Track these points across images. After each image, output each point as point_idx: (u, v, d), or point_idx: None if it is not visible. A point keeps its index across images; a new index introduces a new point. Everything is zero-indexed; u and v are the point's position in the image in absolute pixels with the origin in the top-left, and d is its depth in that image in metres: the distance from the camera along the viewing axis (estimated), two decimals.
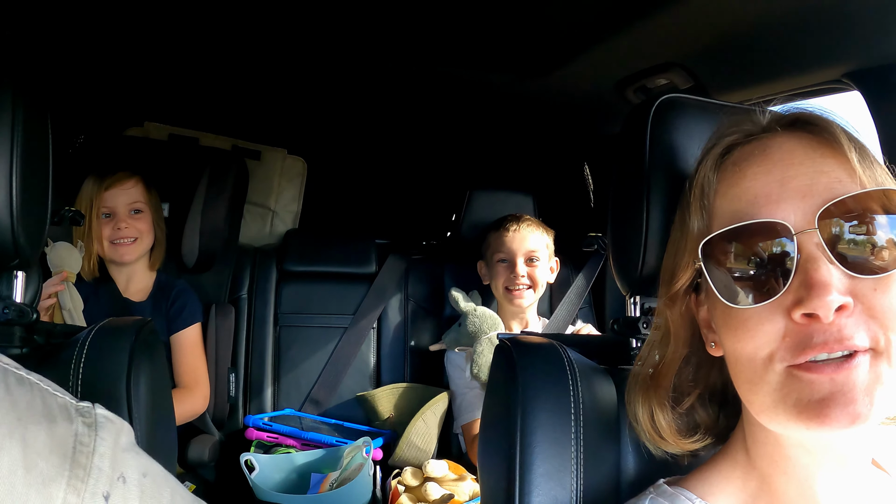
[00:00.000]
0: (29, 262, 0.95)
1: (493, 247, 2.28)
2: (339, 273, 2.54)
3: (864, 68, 1.27)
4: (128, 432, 0.64)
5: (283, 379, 2.42)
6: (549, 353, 0.97)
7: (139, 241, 2.02)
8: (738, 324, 0.67)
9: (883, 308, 0.62)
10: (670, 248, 0.79)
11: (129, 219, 2.00)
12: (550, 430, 0.89)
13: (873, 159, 0.68)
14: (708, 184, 0.73)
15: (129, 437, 0.64)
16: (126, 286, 2.06)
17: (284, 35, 1.80)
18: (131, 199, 2.01)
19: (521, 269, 2.18)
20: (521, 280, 2.18)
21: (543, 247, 2.25)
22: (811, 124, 0.70)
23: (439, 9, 1.55)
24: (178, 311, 2.06)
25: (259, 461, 1.92)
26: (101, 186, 1.96)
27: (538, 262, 2.22)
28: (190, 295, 2.11)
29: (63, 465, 0.57)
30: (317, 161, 2.83)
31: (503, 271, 2.22)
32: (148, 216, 2.05)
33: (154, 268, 2.12)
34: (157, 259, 2.11)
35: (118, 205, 1.99)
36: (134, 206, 2.01)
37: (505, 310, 2.28)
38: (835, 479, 0.69)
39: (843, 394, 0.60)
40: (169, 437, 1.06)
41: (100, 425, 0.62)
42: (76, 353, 0.92)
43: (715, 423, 0.80)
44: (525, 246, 2.21)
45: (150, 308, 2.05)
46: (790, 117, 0.72)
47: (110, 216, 1.99)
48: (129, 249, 2.01)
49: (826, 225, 0.64)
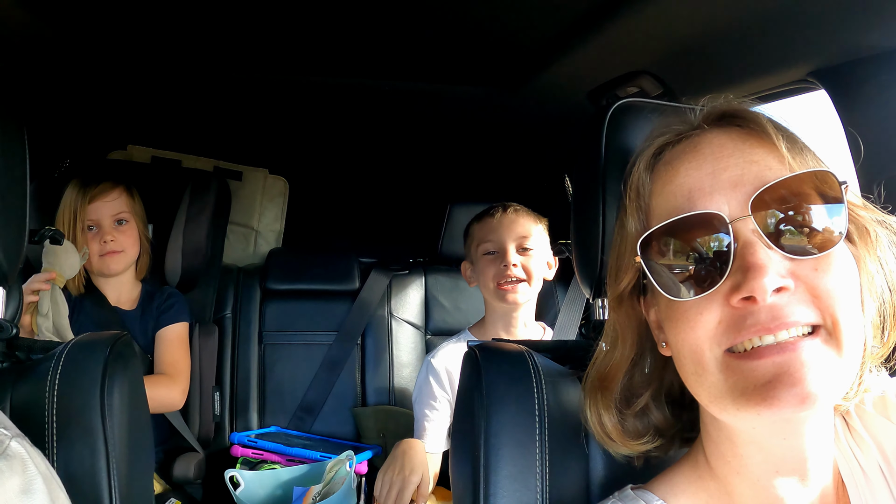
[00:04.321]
0: (7, 278, 0.97)
1: (476, 238, 2.00)
2: (322, 290, 2.55)
3: (828, 66, 1.28)
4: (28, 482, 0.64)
5: (269, 397, 2.43)
6: (513, 358, 0.99)
7: (126, 252, 1.99)
8: (679, 316, 0.68)
9: (826, 287, 0.63)
10: (612, 250, 0.80)
11: (114, 231, 1.96)
12: (514, 432, 0.91)
13: (803, 146, 0.70)
14: (642, 185, 0.74)
15: (23, 484, 0.64)
16: (114, 296, 2.03)
17: (263, 57, 1.83)
18: (116, 210, 1.97)
19: (512, 257, 1.88)
20: (514, 271, 1.87)
21: (537, 234, 1.95)
22: (739, 117, 0.72)
23: (411, 26, 1.58)
24: (166, 308, 2.05)
25: (244, 477, 1.93)
26: (85, 198, 1.92)
27: (532, 252, 1.92)
28: (179, 297, 2.11)
29: None
30: (298, 180, 2.86)
31: (491, 264, 1.92)
32: (133, 226, 2.02)
33: (140, 276, 2.10)
34: (143, 268, 2.09)
35: (102, 217, 1.95)
36: (119, 217, 1.98)
37: (495, 314, 1.99)
38: (795, 482, 0.69)
39: (790, 374, 0.60)
40: (145, 448, 1.08)
41: (3, 457, 0.63)
42: (52, 366, 0.95)
43: (671, 424, 0.80)
44: (515, 231, 1.92)
45: (140, 315, 2.04)
46: (718, 113, 0.74)
47: (95, 229, 1.95)
48: (117, 260, 1.97)
49: (760, 212, 0.65)
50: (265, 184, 2.75)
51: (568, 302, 1.89)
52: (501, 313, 1.98)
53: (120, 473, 0.92)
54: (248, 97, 2.16)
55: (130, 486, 0.95)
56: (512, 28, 1.55)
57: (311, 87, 2.06)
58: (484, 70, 1.86)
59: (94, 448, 0.91)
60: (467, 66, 1.84)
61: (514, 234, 1.92)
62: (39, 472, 0.66)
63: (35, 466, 0.66)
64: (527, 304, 1.97)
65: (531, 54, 1.68)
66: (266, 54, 1.80)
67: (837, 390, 0.63)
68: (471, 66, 1.83)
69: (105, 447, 0.92)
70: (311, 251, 2.70)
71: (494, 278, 1.91)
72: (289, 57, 1.81)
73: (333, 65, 1.87)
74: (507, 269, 1.88)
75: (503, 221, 1.94)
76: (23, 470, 0.64)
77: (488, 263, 1.93)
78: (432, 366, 1.98)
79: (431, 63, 1.83)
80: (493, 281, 1.91)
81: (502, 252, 1.91)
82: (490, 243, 1.94)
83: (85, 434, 0.92)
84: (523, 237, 1.93)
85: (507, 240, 1.92)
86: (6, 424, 0.67)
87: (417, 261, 2.70)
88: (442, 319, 2.56)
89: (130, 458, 0.97)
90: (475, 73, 1.88)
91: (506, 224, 1.94)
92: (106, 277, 2.02)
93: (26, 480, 0.64)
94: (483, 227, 1.98)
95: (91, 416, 0.93)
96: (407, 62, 1.83)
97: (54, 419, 0.91)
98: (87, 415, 0.92)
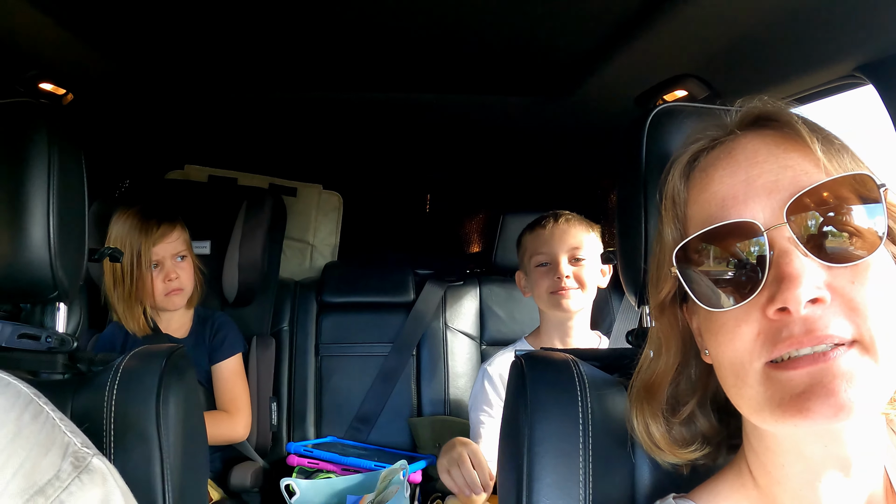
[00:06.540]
0: (68, 294, 1.02)
1: (529, 249, 1.99)
2: (378, 303, 2.59)
3: (876, 60, 1.24)
4: (107, 494, 0.70)
5: (326, 407, 2.47)
6: (558, 367, 0.99)
7: (186, 288, 2.06)
8: (718, 328, 0.67)
9: (863, 300, 0.61)
10: (652, 259, 0.79)
11: (176, 268, 2.02)
12: (557, 441, 0.91)
13: (840, 147, 0.67)
14: (678, 193, 0.74)
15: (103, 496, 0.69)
16: (165, 324, 2.09)
17: (315, 77, 1.87)
18: (176, 249, 2.04)
19: (564, 268, 1.87)
20: (566, 282, 1.86)
21: (589, 243, 1.93)
22: (773, 120, 0.70)
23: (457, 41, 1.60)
24: (219, 342, 2.10)
25: (299, 486, 1.97)
26: (149, 240, 1.97)
27: (584, 262, 1.90)
28: (231, 326, 2.16)
29: (28, 489, 0.63)
30: (352, 194, 2.92)
31: (544, 276, 1.91)
32: (190, 261, 2.09)
33: (192, 305, 2.15)
34: (195, 297, 2.13)
35: (165, 256, 2.01)
36: (179, 254, 2.05)
37: (550, 323, 1.99)
38: (839, 491, 0.67)
39: (823, 385, 0.59)
40: (200, 456, 1.11)
41: (86, 471, 0.69)
42: (111, 377, 0.99)
43: (718, 431, 0.79)
44: (567, 242, 1.91)
45: (193, 342, 2.10)
46: (752, 116, 0.72)
47: (157, 266, 2.00)
48: (181, 297, 2.04)
49: (796, 218, 0.63)
50: (320, 199, 2.81)
51: (623, 310, 1.84)
52: (556, 322, 1.97)
53: (174, 480, 0.96)
54: (301, 115, 2.20)
55: (184, 493, 0.98)
56: (555, 38, 1.55)
57: (362, 103, 2.10)
58: (531, 80, 1.86)
59: (150, 455, 0.95)
60: (514, 77, 1.84)
61: (565, 245, 1.91)
62: (118, 486, 0.71)
63: (114, 480, 0.71)
64: (581, 313, 1.95)
65: (576, 63, 1.68)
66: (317, 74, 1.85)
67: (876, 400, 0.61)
68: (517, 77, 1.84)
69: (160, 454, 0.96)
70: (366, 264, 2.74)
71: (549, 288, 1.90)
72: (339, 75, 1.86)
73: (383, 81, 1.90)
74: (559, 280, 1.87)
75: (554, 232, 1.94)
76: (103, 482, 0.70)
77: (541, 275, 1.93)
78: (488, 373, 1.98)
79: (478, 75, 1.84)
80: (547, 290, 1.90)
81: (554, 264, 1.91)
82: (542, 255, 1.94)
83: (141, 442, 0.95)
84: (575, 248, 1.91)
85: (559, 251, 1.91)
86: (88, 444, 0.73)
87: (472, 271, 2.70)
88: (497, 330, 2.55)
89: (185, 466, 1.00)
90: (522, 84, 1.89)
91: (557, 235, 1.93)
92: (169, 312, 2.08)
93: (106, 492, 0.69)
94: (535, 239, 1.98)
95: (147, 424, 0.96)
96: (454, 75, 1.85)
97: (112, 427, 0.95)
98: (143, 423, 0.96)
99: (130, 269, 1.94)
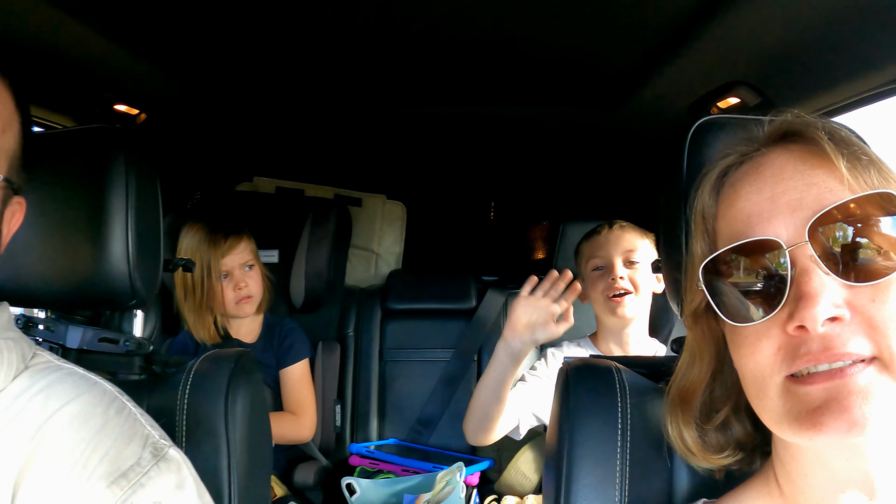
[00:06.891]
0: (145, 302, 1.12)
1: (585, 255, 2.05)
2: (440, 309, 2.64)
3: None
4: (182, 480, 0.79)
5: (388, 410, 2.54)
6: (600, 374, 1.02)
7: (255, 295, 2.14)
8: (741, 340, 0.68)
9: (883, 318, 0.61)
10: (685, 270, 0.81)
11: (245, 277, 2.10)
12: (596, 444, 0.94)
13: (869, 162, 0.67)
14: (707, 208, 0.75)
15: (178, 481, 0.78)
16: (236, 331, 2.18)
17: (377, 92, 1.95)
18: (244, 259, 2.11)
19: (619, 270, 1.91)
20: (621, 284, 1.89)
21: (643, 248, 1.97)
22: (799, 135, 0.71)
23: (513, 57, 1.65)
24: (287, 348, 2.18)
25: (360, 485, 2.04)
26: (218, 253, 2.05)
27: (638, 265, 1.93)
28: (298, 333, 2.23)
29: (113, 473, 0.73)
30: (415, 204, 2.98)
31: (600, 279, 1.95)
32: (258, 269, 2.16)
33: (261, 311, 2.23)
34: (264, 303, 2.21)
35: (234, 267, 2.09)
36: (247, 263, 2.13)
37: (607, 330, 2.02)
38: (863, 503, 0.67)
39: (838, 402, 0.60)
40: (264, 452, 1.18)
41: (164, 459, 0.78)
42: (184, 378, 1.08)
43: (752, 437, 0.80)
44: (621, 245, 1.96)
45: (261, 347, 2.18)
46: (780, 132, 0.73)
47: (227, 276, 2.09)
48: (251, 304, 2.12)
49: (818, 237, 0.63)
50: (384, 209, 2.88)
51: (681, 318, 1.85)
52: (613, 330, 2.00)
53: (239, 474, 1.04)
54: (366, 128, 2.28)
55: (247, 487, 1.06)
56: (608, 51, 1.58)
57: (424, 116, 2.17)
58: (586, 92, 1.89)
59: (218, 450, 1.03)
60: (568, 90, 1.88)
61: (620, 248, 1.96)
62: (191, 474, 0.81)
63: (187, 469, 0.81)
64: (637, 320, 1.97)
65: (629, 73, 1.71)
66: (382, 90, 1.93)
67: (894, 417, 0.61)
68: (572, 90, 1.87)
69: (227, 449, 1.04)
70: (429, 272, 2.81)
71: (603, 292, 1.93)
72: (403, 91, 1.93)
73: (444, 95, 1.97)
74: (614, 281, 1.90)
75: (609, 237, 1.98)
76: (178, 470, 0.79)
77: (597, 278, 1.97)
78: (547, 352, 2.04)
79: (535, 88, 1.89)
80: (602, 294, 1.94)
81: (609, 266, 1.94)
82: (598, 259, 1.98)
83: (210, 437, 1.04)
84: (629, 251, 1.95)
85: (614, 254, 1.95)
86: (165, 436, 0.82)
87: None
88: None
89: (249, 461, 1.08)
90: (577, 96, 1.92)
91: (612, 240, 1.98)
92: (239, 319, 2.17)
93: (180, 479, 0.78)
94: (591, 244, 2.03)
95: (216, 421, 1.05)
96: (513, 89, 1.89)
97: (184, 423, 1.04)
98: (213, 420, 1.04)
99: (201, 280, 2.04)
